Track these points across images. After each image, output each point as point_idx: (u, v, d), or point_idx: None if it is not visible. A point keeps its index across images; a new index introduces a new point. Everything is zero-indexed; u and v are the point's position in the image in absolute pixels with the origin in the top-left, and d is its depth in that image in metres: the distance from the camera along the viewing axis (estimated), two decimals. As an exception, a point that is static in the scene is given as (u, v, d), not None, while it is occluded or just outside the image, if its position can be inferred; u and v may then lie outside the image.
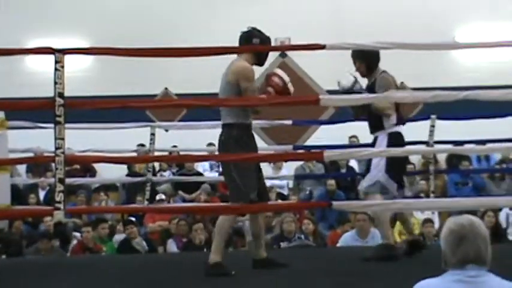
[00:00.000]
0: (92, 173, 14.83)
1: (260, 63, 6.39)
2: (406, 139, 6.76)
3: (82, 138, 8.99)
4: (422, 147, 9.18)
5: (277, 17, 14.98)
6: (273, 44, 6.86)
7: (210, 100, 6.87)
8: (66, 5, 15.89)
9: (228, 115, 6.21)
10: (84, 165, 14.26)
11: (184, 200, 13.37)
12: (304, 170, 13.71)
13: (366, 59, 6.65)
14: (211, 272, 6.04)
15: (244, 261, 6.43)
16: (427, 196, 10.43)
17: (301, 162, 13.58)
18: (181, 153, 11.99)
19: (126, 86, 14.75)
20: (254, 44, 6.29)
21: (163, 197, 12.18)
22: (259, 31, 6.39)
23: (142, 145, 11.04)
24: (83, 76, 15.02)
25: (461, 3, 15.70)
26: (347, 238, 9.63)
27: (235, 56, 6.36)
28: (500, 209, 11.26)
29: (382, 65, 6.69)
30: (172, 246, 11.00)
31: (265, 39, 6.37)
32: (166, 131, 12.07)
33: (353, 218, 10.13)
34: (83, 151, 9.13)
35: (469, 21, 15.76)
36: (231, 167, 6.14)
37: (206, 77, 14.28)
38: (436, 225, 11.10)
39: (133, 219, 11.49)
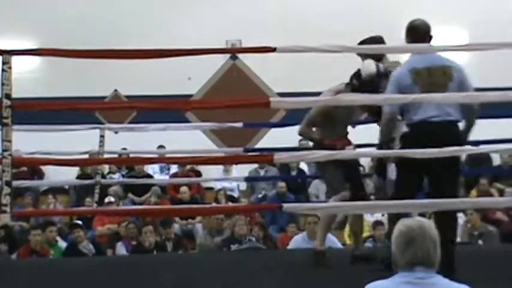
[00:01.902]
0: (40, 175, 14.67)
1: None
2: (358, 142, 6.78)
3: (30, 141, 8.88)
4: (373, 149, 9.17)
5: (229, 19, 14.97)
6: (223, 46, 6.84)
7: (160, 102, 6.84)
8: (14, 6, 15.72)
9: None
10: (32, 167, 14.09)
11: (134, 203, 13.28)
12: (258, 173, 13.72)
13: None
14: (314, 258, 6.39)
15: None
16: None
17: (255, 166, 13.58)
18: (131, 155, 11.92)
19: (75, 87, 14.60)
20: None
21: (112, 199, 12.10)
22: None
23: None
24: (31, 77, 14.86)
25: (411, 7, 15.85)
26: (298, 240, 9.61)
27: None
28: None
29: (336, 67, 6.65)
30: (121, 249, 10.92)
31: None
32: (116, 133, 11.97)
33: (304, 221, 10.13)
34: (31, 153, 9.01)
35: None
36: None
37: (156, 79, 14.30)
38: (387, 227, 11.14)
39: (80, 222, 11.39)
